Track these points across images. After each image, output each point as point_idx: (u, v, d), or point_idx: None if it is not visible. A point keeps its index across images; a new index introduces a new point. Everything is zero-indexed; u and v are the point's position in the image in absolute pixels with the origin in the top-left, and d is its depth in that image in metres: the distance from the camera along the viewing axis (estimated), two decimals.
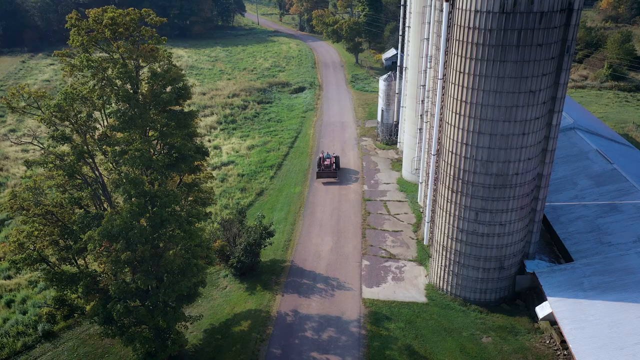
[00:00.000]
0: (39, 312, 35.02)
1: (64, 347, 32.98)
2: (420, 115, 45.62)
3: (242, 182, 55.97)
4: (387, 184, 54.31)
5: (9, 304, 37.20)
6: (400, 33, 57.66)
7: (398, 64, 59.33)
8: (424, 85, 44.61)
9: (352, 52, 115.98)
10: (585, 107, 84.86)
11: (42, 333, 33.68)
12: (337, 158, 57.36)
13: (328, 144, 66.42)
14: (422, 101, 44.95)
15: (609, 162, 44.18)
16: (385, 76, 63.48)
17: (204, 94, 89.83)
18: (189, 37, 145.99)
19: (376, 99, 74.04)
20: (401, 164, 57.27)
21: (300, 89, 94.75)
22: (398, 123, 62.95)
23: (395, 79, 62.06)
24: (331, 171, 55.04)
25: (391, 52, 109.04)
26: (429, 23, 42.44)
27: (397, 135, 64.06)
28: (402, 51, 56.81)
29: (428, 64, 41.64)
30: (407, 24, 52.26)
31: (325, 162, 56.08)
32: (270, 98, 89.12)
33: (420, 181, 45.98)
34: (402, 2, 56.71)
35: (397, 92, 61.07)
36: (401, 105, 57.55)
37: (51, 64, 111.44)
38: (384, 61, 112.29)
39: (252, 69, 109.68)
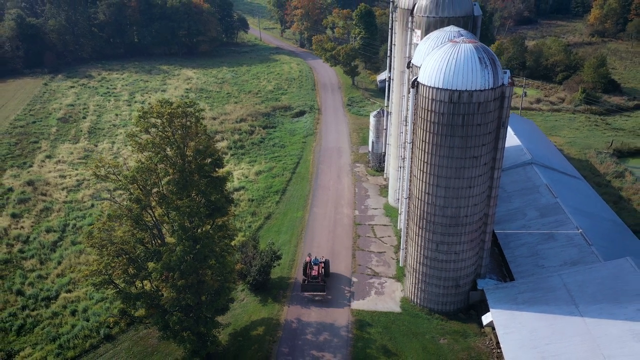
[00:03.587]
0: (99, 320, 45.13)
1: (122, 347, 43.07)
2: (401, 157, 55.60)
3: (252, 207, 65.98)
4: (375, 209, 64.38)
5: (73, 313, 47.22)
6: (388, 78, 67.59)
7: (385, 104, 69.18)
8: (402, 132, 54.59)
9: (348, 75, 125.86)
10: (557, 132, 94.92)
11: (103, 336, 43.79)
12: (326, 263, 49.54)
13: (325, 170, 76.43)
14: (401, 145, 54.93)
15: (554, 196, 54.20)
16: (375, 113, 73.53)
17: (214, 118, 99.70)
18: (196, 56, 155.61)
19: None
20: (387, 191, 67.26)
21: (301, 113, 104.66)
22: (386, 153, 72.86)
23: (383, 116, 72.00)
24: (318, 284, 46.99)
25: (385, 74, 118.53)
26: (406, 84, 52.40)
27: (385, 161, 73.96)
28: (389, 97, 66.59)
29: (403, 121, 51.63)
30: (391, 76, 62.27)
31: (313, 272, 47.65)
32: (274, 122, 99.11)
33: (399, 212, 56.02)
34: (388, 53, 66.51)
35: (385, 127, 71.00)
36: (387, 142, 67.55)
37: (72, 87, 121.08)
38: (378, 83, 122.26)
39: (256, 91, 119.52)
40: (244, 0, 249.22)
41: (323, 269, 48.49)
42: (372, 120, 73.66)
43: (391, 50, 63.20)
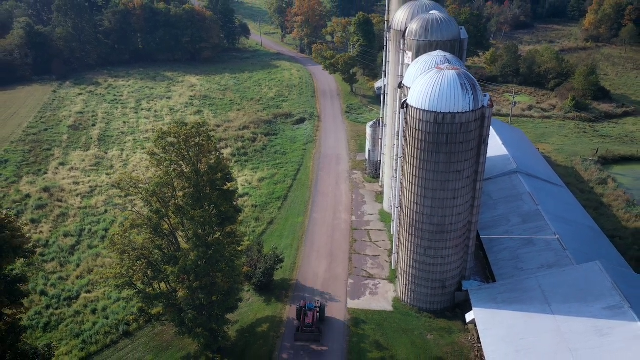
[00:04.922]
0: (118, 318, 49.52)
1: (139, 342, 47.48)
2: (394, 168, 59.96)
3: (256, 212, 70.31)
4: (371, 214, 68.77)
5: (93, 311, 51.61)
6: (384, 87, 71.90)
7: (381, 115, 73.49)
8: (395, 145, 58.90)
9: (347, 82, 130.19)
10: (547, 139, 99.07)
11: (122, 332, 48.19)
12: (321, 308, 47.65)
13: (325, 177, 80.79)
14: (394, 157, 59.28)
15: (535, 203, 58.55)
16: (371, 123, 77.91)
17: (218, 126, 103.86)
18: (199, 62, 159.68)
19: None
20: (383, 197, 71.60)
21: (301, 120, 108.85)
22: (381, 161, 77.18)
23: (379, 126, 76.36)
24: (313, 333, 45.50)
25: (382, 81, 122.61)
26: (398, 101, 56.72)
27: (381, 169, 78.30)
28: (384, 107, 70.94)
29: (396, 134, 55.94)
30: (386, 92, 66.61)
31: (307, 320, 45.80)
32: (275, 130, 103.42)
33: (392, 219, 60.38)
34: (383, 68, 70.87)
35: (380, 137, 75.35)
36: (382, 152, 71.91)
37: (80, 94, 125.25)
38: (375, 90, 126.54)
39: (258, 98, 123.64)
40: (245, 5, 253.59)
41: (318, 314, 47.21)
42: (368, 130, 78.00)
43: (386, 66, 67.55)
